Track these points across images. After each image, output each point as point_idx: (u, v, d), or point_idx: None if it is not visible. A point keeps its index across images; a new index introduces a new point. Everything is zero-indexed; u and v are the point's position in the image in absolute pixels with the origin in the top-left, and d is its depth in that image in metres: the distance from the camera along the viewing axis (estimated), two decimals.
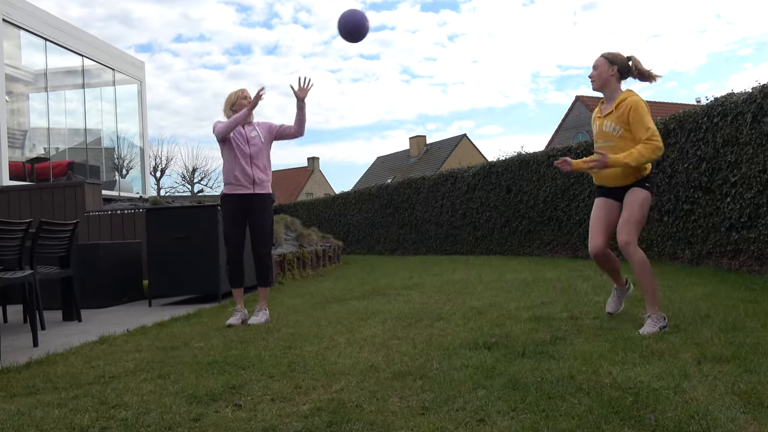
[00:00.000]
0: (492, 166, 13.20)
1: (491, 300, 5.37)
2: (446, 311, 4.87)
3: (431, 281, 7.57)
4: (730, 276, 6.25)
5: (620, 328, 3.72)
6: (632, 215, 3.82)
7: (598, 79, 3.95)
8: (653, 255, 8.59)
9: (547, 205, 11.41)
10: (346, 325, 4.47)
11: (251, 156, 4.92)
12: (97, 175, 12.52)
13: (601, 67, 3.96)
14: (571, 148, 10.71)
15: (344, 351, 3.55)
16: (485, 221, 13.37)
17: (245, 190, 4.92)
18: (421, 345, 3.60)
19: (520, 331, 3.81)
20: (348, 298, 6.31)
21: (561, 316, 4.26)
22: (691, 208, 7.68)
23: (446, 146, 45.41)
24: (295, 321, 4.86)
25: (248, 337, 4.16)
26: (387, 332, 4.09)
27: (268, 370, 3.15)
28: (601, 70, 3.95)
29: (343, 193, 20.22)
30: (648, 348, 3.15)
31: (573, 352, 3.15)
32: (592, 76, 3.98)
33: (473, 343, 3.53)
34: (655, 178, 3.71)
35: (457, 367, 3.01)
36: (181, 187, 40.88)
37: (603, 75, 3.94)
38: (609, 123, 3.88)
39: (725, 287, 5.32)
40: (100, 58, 13.41)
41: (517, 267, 9.06)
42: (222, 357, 3.52)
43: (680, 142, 7.86)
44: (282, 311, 5.52)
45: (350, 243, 18.86)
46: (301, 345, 3.80)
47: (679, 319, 3.90)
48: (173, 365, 3.38)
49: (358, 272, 10.22)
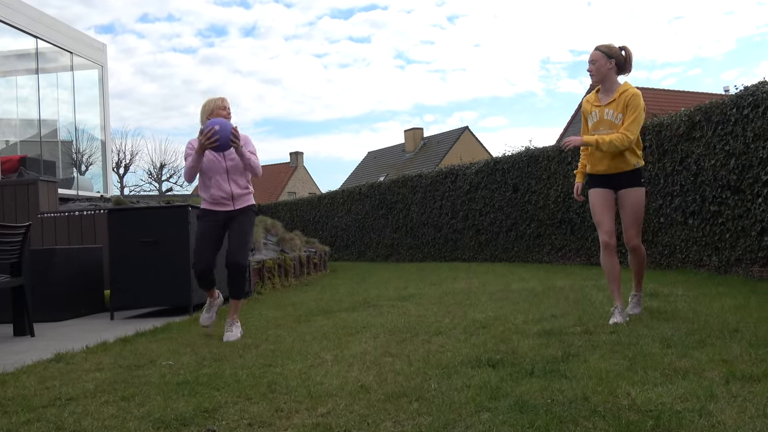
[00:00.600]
0: (497, 162, 13.24)
1: (496, 312, 5.38)
2: (445, 325, 4.88)
3: (429, 291, 7.58)
4: (762, 285, 6.29)
5: (640, 343, 3.73)
6: (637, 217, 4.57)
7: (597, 73, 4.54)
8: (676, 262, 8.64)
9: (558, 205, 11.45)
10: (334, 341, 4.47)
11: (228, 170, 4.99)
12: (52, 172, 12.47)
13: (599, 61, 4.53)
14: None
15: (331, 369, 3.54)
16: (489, 224, 13.40)
17: (225, 207, 5.02)
18: (417, 363, 3.60)
19: (528, 347, 3.82)
20: (335, 310, 6.31)
21: (574, 331, 4.27)
22: (719, 209, 7.72)
23: (446, 140, 45.50)
24: (275, 336, 4.85)
25: (223, 354, 4.15)
26: (379, 348, 4.09)
27: (246, 391, 3.14)
28: (600, 64, 4.53)
29: (330, 193, 20.23)
30: (670, 365, 3.16)
31: (587, 371, 3.16)
32: (591, 70, 4.56)
33: (476, 360, 3.53)
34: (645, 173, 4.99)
35: (458, 387, 3.02)
36: (148, 185, 40.77)
37: (602, 69, 4.53)
38: (610, 111, 4.48)
39: (756, 298, 5.35)
40: (56, 40, 13.36)
41: (524, 275, 9.08)
42: (193, 377, 3.51)
43: (707, 136, 7.91)
44: (261, 325, 5.51)
45: (338, 248, 18.85)
46: (282, 363, 3.79)
47: (705, 333, 3.92)
48: (138, 386, 3.37)
49: (346, 281, 10.22)
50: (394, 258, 16.65)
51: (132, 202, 10.95)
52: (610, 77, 4.54)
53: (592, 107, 4.59)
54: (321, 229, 19.85)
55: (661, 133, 8.88)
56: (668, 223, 8.80)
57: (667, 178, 8.74)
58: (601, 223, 4.57)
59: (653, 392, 2.75)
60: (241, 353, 4.17)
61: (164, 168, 41.06)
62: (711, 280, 6.96)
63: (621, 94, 4.47)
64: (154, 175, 40.64)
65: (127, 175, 37.52)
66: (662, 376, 3.01)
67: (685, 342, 3.70)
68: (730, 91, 25.06)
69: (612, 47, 4.58)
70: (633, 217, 4.55)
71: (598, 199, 4.60)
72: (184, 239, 6.57)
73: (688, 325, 4.23)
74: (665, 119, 8.91)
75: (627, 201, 4.55)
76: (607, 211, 4.58)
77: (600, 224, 4.58)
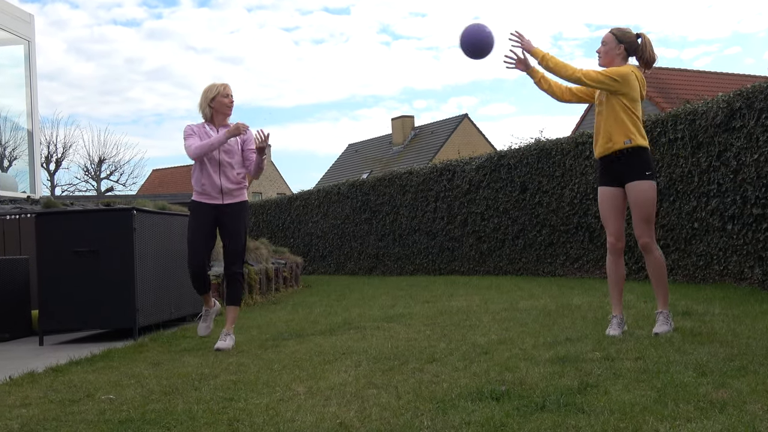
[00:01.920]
0: (502, 157, 13.30)
1: (500, 335, 5.41)
2: (440, 350, 4.89)
3: (421, 311, 7.60)
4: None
5: (670, 371, 3.77)
6: (646, 213, 4.96)
7: (605, 56, 5.12)
8: (713, 275, 8.72)
9: (574, 208, 11.52)
10: (307, 370, 4.46)
11: (220, 163, 5.68)
12: None
13: (609, 43, 5.11)
14: None
15: (304, 404, 3.54)
16: (492, 230, 13.45)
17: (213, 201, 5.71)
18: (407, 396, 3.61)
19: (539, 377, 3.84)
20: (310, 333, 6.31)
21: (593, 357, 4.30)
22: (763, 212, 7.80)
23: (441, 130, 45.65)
24: (238, 364, 4.84)
25: (174, 387, 4.14)
26: (361, 379, 4.09)
27: (202, 430, 3.14)
28: (609, 47, 5.11)
29: (303, 193, 20.22)
30: (706, 397, 3.20)
31: (608, 404, 3.18)
32: (599, 51, 5.15)
33: (477, 392, 3.55)
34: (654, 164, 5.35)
35: (455, 424, 3.03)
36: (84, 183, 40.63)
37: (610, 53, 5.11)
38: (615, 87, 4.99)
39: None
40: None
41: (534, 291, 9.12)
42: (139, 413, 3.50)
43: (748, 125, 7.99)
44: (221, 352, 5.50)
45: (313, 259, 18.84)
46: (246, 396, 3.79)
47: (747, 358, 3.96)
48: (73, 424, 3.35)
49: (323, 298, 10.21)
50: (380, 271, 16.67)
51: (65, 204, 10.89)
52: (615, 62, 5.11)
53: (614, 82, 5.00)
54: (292, 237, 19.82)
55: (695, 122, 8.96)
56: (703, 229, 8.88)
57: (701, 176, 8.82)
58: (607, 224, 5.13)
59: (685, 429, 2.77)
60: (196, 385, 4.16)
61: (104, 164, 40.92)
62: (753, 296, 7.03)
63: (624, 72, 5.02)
64: (91, 172, 40.49)
65: (59, 171, 37.37)
66: (696, 409, 3.03)
67: (722, 369, 3.73)
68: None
69: (627, 31, 5.15)
70: (639, 214, 4.96)
71: (604, 198, 5.14)
72: (128, 249, 6.54)
73: (726, 349, 4.27)
74: (700, 106, 8.99)
75: (631, 196, 5.00)
76: (613, 211, 5.08)
77: (608, 223, 5.12)
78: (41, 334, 6.64)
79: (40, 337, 6.64)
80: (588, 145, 11.13)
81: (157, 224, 7.13)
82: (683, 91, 26.50)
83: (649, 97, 27.00)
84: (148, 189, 47.95)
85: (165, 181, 50.43)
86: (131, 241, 6.54)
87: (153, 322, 6.88)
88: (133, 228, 6.56)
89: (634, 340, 4.75)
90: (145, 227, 6.80)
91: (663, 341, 4.63)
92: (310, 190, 20.21)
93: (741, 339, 4.58)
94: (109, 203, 11.55)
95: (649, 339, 4.72)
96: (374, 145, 49.63)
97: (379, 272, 16.64)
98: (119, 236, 6.59)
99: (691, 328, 5.12)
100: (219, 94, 5.69)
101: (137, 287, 6.53)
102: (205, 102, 5.71)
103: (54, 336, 7.11)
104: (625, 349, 4.46)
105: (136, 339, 6.45)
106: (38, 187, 15.48)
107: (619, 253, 5.10)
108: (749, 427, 2.72)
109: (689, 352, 4.22)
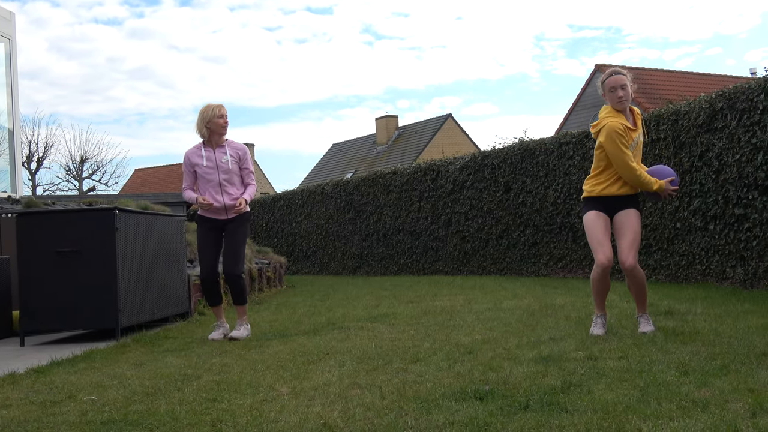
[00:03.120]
0: (485, 156, 13.33)
1: (484, 335, 5.42)
2: (424, 350, 4.90)
3: (405, 310, 7.60)
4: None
5: (653, 370, 3.79)
6: (636, 238, 5.16)
7: (628, 99, 5.20)
8: (695, 274, 8.78)
9: (558, 208, 11.57)
10: (291, 370, 4.46)
11: (221, 183, 6.24)
12: None
13: (629, 85, 5.20)
14: (590, 135, 10.88)
15: (288, 404, 3.54)
16: (477, 230, 13.49)
17: (218, 216, 6.29)
18: (390, 395, 3.61)
19: (523, 376, 3.85)
20: (293, 333, 6.30)
21: (576, 356, 4.32)
22: (745, 212, 7.86)
23: (425, 130, 45.71)
24: (221, 365, 4.83)
25: (157, 388, 4.12)
26: (345, 379, 4.09)
27: (185, 431, 3.12)
28: (629, 90, 5.19)
29: (287, 193, 20.19)
30: (688, 396, 3.22)
31: (591, 403, 3.20)
32: (623, 96, 5.16)
33: (460, 392, 3.56)
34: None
35: (439, 424, 3.03)
36: (66, 183, 40.36)
37: (631, 94, 5.22)
38: (638, 135, 5.25)
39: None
40: None
41: (518, 291, 9.15)
42: (121, 414, 3.48)
43: (730, 126, 8.05)
44: (203, 352, 5.49)
45: (296, 259, 18.81)
46: (229, 397, 3.78)
47: (729, 357, 3.99)
48: (54, 426, 3.33)
49: (306, 298, 10.20)
50: (364, 271, 16.67)
51: (46, 204, 10.83)
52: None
53: (629, 131, 5.18)
54: (275, 237, 19.78)
55: (677, 122, 9.02)
56: (686, 229, 8.94)
57: (684, 176, 8.88)
58: (602, 245, 5.18)
59: (668, 428, 2.79)
60: (179, 386, 4.15)
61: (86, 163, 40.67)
62: (735, 296, 7.08)
63: (636, 118, 5.28)
64: (73, 171, 40.23)
65: (40, 171, 37.11)
66: (678, 408, 3.05)
67: (705, 368, 3.76)
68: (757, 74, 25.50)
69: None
70: (633, 237, 5.15)
71: (596, 222, 5.25)
72: (110, 249, 6.50)
73: (708, 348, 4.30)
74: (682, 107, 9.05)
75: (628, 222, 5.20)
76: (607, 234, 5.23)
77: (600, 245, 5.18)
78: (22, 334, 6.59)
79: (21, 337, 6.59)
80: (572, 145, 11.18)
81: (140, 224, 7.09)
82: (666, 91, 26.66)
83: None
84: (131, 189, 47.69)
85: (147, 180, 50.15)
86: (113, 241, 6.50)
87: (135, 323, 6.85)
88: (116, 228, 6.52)
89: (617, 340, 4.78)
90: (127, 227, 6.77)
91: (646, 341, 4.67)
92: (294, 189, 20.19)
93: (723, 338, 4.61)
94: (91, 203, 11.48)
95: (632, 338, 4.75)
96: (358, 145, 49.62)
97: (363, 272, 16.63)
98: (101, 236, 6.55)
99: (674, 327, 5.16)
100: (214, 116, 6.17)
101: (119, 287, 6.50)
102: (202, 123, 6.19)
103: (35, 337, 7.06)
104: (608, 348, 4.49)
105: (119, 340, 6.41)
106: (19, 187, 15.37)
107: (608, 272, 5.22)
108: (731, 426, 2.74)
109: (672, 352, 4.25)
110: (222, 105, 6.25)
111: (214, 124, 6.17)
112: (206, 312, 8.46)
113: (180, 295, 7.92)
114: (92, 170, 40.98)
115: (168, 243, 7.68)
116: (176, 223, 8.05)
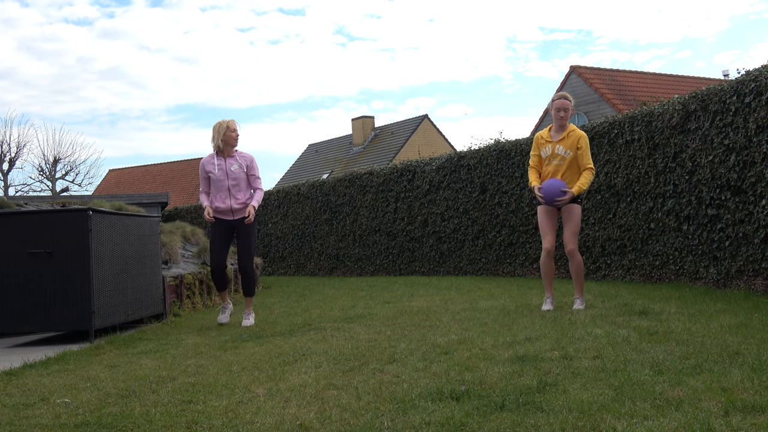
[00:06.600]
0: (461, 157, 13.37)
1: (460, 335, 5.43)
2: (401, 351, 4.90)
3: (381, 311, 7.61)
4: (767, 301, 6.49)
5: (627, 369, 3.82)
6: (576, 228, 6.62)
7: (566, 119, 6.67)
8: (669, 274, 8.86)
9: (533, 209, 11.61)
10: (267, 372, 4.45)
11: (229, 189, 7.11)
12: None
13: (569, 110, 6.65)
14: None
15: (264, 406, 3.53)
16: (453, 231, 13.52)
17: (226, 217, 7.17)
18: (367, 396, 3.61)
19: (499, 376, 3.86)
20: (269, 334, 6.28)
21: (551, 356, 4.34)
22: (717, 213, 7.94)
23: (401, 130, 45.73)
24: (196, 366, 4.81)
25: (131, 389, 4.10)
26: (322, 380, 4.09)
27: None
28: (570, 113, 6.67)
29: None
30: (662, 395, 3.25)
31: (566, 402, 3.22)
32: (564, 117, 6.64)
33: (437, 392, 3.56)
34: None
35: (416, 424, 3.03)
36: (38, 183, 39.93)
37: (570, 115, 6.70)
38: (561, 147, 6.60)
39: (760, 316, 5.52)
40: None
41: (494, 291, 9.18)
42: (95, 417, 3.46)
43: (703, 127, 8.13)
44: (178, 353, 5.46)
45: (272, 260, 18.75)
46: (204, 398, 3.77)
47: (702, 356, 4.03)
48: (27, 428, 3.30)
49: (282, 299, 10.17)
50: (340, 271, 16.65)
51: (19, 205, 10.71)
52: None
53: (546, 142, 6.69)
54: None
55: (651, 124, 9.10)
56: (659, 230, 9.02)
57: (658, 177, 8.96)
58: (546, 234, 6.67)
59: (642, 426, 2.81)
60: (153, 388, 4.12)
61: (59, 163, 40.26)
62: (708, 296, 7.15)
63: (569, 134, 6.60)
64: (46, 171, 39.79)
65: (12, 171, 36.67)
66: (653, 407, 3.08)
67: (678, 368, 3.79)
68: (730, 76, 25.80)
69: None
70: (575, 227, 6.60)
71: (545, 215, 6.72)
72: (84, 250, 6.45)
73: (682, 347, 4.34)
74: (656, 108, 9.13)
75: (572, 214, 6.58)
76: (552, 225, 6.70)
77: (545, 235, 6.68)
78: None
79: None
80: None
81: (114, 225, 7.05)
82: (639, 93, 26.89)
83: (606, 98, 27.37)
84: (105, 189, 47.28)
85: (122, 181, 49.73)
86: (87, 243, 6.45)
87: (109, 324, 6.80)
88: (89, 229, 6.47)
89: (592, 339, 4.80)
90: (101, 228, 6.72)
91: (620, 340, 4.69)
92: (270, 190, 20.11)
93: (696, 338, 4.65)
94: (65, 204, 11.39)
95: (607, 338, 4.78)
96: (334, 146, 49.53)
97: (340, 273, 16.61)
98: (75, 237, 6.50)
99: (648, 327, 5.20)
100: (228, 130, 7.10)
101: (93, 289, 6.45)
102: (218, 137, 7.08)
103: (7, 339, 7.00)
104: (583, 348, 4.51)
105: (92, 341, 6.37)
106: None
107: (552, 255, 6.67)
108: (704, 425, 2.77)
109: (646, 351, 4.29)
110: (234, 120, 7.19)
111: (228, 137, 7.09)
112: (181, 313, 8.42)
113: (155, 296, 7.87)
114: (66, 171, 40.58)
115: (142, 244, 7.64)
116: (151, 224, 8.01)
